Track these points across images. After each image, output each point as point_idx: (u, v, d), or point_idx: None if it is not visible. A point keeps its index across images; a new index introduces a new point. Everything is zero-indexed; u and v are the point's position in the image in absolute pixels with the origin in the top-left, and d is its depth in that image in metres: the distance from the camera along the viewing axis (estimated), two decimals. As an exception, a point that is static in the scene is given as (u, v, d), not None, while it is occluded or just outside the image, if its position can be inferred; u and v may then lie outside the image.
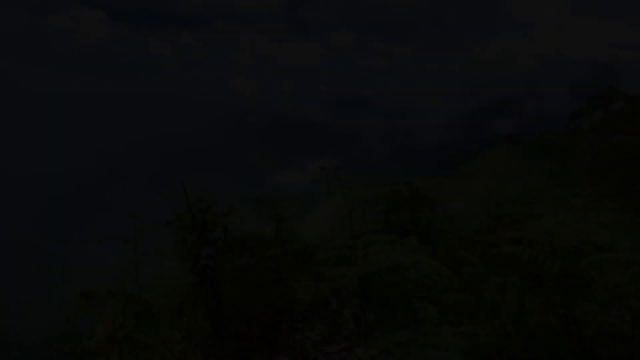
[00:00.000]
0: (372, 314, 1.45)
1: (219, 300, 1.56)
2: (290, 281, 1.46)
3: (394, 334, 1.04)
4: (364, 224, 1.61)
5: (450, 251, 4.50)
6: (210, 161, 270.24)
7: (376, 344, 1.02)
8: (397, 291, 1.32)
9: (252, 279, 1.42)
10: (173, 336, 1.82)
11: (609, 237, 1.82)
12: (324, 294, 3.18)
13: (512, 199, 5.19)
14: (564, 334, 2.28)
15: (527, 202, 5.28)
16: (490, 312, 3.28)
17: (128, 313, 1.61)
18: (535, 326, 2.63)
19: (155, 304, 1.92)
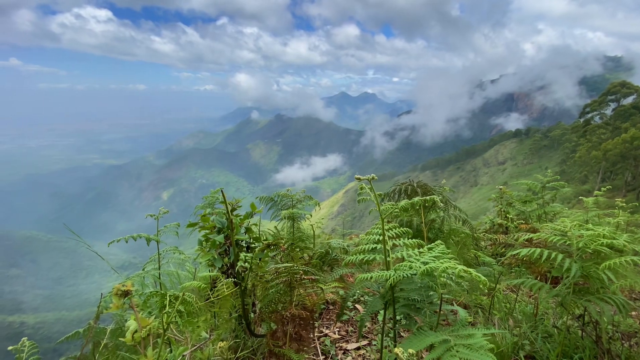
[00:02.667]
0: (399, 315, 1.52)
1: (251, 299, 1.65)
2: (318, 282, 1.54)
3: (426, 336, 1.11)
4: (390, 228, 1.67)
5: (463, 251, 4.55)
6: (216, 157, 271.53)
7: (410, 344, 1.08)
8: (427, 294, 1.38)
9: (285, 281, 1.50)
10: (208, 333, 1.92)
11: (625, 239, 1.85)
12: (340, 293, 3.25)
13: (522, 197, 5.21)
14: (580, 334, 2.33)
15: (539, 200, 5.29)
16: (506, 312, 3.34)
17: (170, 311, 1.71)
18: (551, 326, 2.69)
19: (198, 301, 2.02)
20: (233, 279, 1.57)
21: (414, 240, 1.52)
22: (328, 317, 3.38)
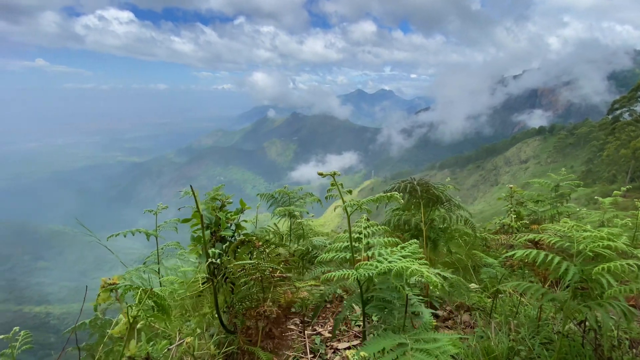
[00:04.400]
0: (375, 316, 1.47)
1: (224, 296, 1.64)
2: (292, 280, 1.50)
3: (384, 338, 1.06)
4: (369, 225, 1.62)
5: (466, 251, 4.41)
6: (234, 155, 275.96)
7: (367, 347, 1.03)
8: (395, 295, 1.32)
9: (255, 278, 1.48)
10: (185, 329, 1.93)
11: (624, 242, 1.72)
12: (335, 292, 3.21)
13: (534, 196, 4.98)
14: (581, 341, 2.19)
15: (554, 200, 5.06)
16: (508, 315, 3.20)
17: (143, 305, 1.72)
18: (551, 331, 2.55)
19: (170, 297, 2.04)
20: (207, 276, 1.57)
21: (389, 238, 1.46)
22: (324, 315, 3.35)
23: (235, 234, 2.49)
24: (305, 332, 2.80)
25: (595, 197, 4.52)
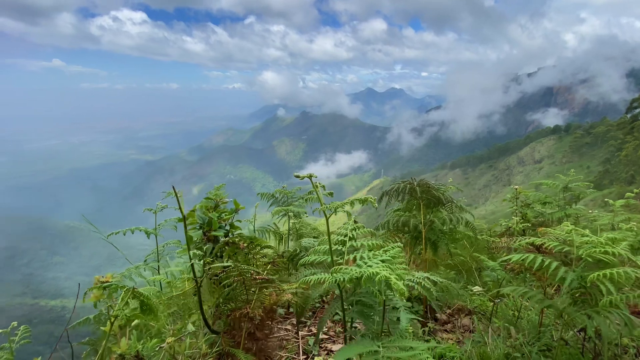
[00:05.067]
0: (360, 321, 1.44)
1: (213, 296, 1.64)
2: (276, 282, 1.49)
3: (357, 345, 1.03)
4: (354, 228, 1.58)
5: (470, 254, 4.32)
6: (244, 153, 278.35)
7: (339, 354, 1.01)
8: (377, 300, 1.29)
9: (238, 280, 1.47)
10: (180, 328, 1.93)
11: (623, 248, 1.64)
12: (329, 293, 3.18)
13: (543, 198, 4.84)
14: (581, 349, 2.11)
15: (563, 202, 4.91)
16: (508, 320, 3.12)
17: (129, 304, 1.73)
18: (552, 338, 2.47)
19: (158, 297, 2.05)
20: (193, 276, 1.57)
21: (375, 241, 1.43)
22: (321, 316, 3.33)
23: (230, 235, 2.49)
24: (300, 333, 2.79)
25: (606, 199, 4.36)
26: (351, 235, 1.50)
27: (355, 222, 1.62)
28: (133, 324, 2.42)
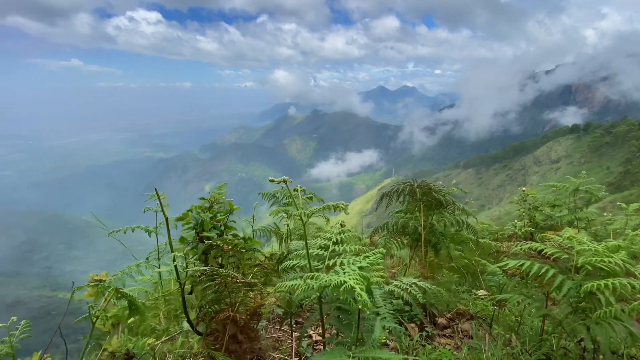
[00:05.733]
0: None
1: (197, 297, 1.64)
2: (258, 286, 1.47)
3: (329, 354, 1.00)
4: (340, 232, 1.55)
5: (476, 256, 4.22)
6: (255, 152, 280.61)
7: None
8: (349, 309, 1.26)
9: (219, 282, 1.46)
10: (174, 327, 1.95)
11: (622, 257, 1.56)
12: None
13: (552, 201, 4.69)
14: (580, 359, 2.03)
15: (573, 205, 4.75)
16: (509, 326, 3.03)
17: (117, 304, 1.74)
18: (552, 347, 2.39)
19: (146, 297, 2.07)
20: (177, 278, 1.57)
21: (356, 246, 1.39)
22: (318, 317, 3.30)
23: (224, 235, 2.49)
24: (294, 334, 2.77)
25: (618, 203, 4.19)
26: (336, 240, 1.48)
27: (341, 225, 1.59)
28: (129, 321, 2.46)
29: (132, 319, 2.32)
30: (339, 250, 1.38)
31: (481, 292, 4.14)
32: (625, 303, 1.74)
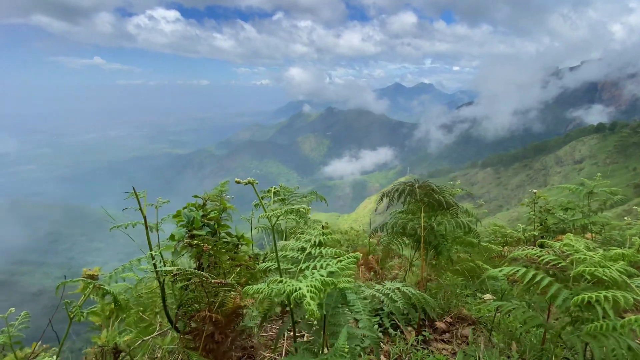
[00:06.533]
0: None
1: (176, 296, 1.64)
2: (235, 286, 1.46)
3: (290, 359, 0.98)
4: (321, 234, 1.52)
5: (483, 260, 4.09)
6: (270, 149, 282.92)
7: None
8: (330, 312, 1.22)
9: (196, 282, 1.46)
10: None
11: (618, 268, 1.46)
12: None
13: (565, 203, 4.49)
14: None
15: (587, 209, 4.53)
16: (510, 332, 2.93)
17: (105, 300, 1.76)
18: (552, 357, 2.28)
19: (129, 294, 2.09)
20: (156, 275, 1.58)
21: (332, 250, 1.35)
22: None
23: (217, 234, 2.49)
24: (286, 334, 2.76)
25: (634, 207, 3.96)
26: (315, 242, 1.44)
27: (323, 227, 1.55)
28: (126, 316, 2.50)
29: (114, 314, 2.35)
30: (314, 254, 1.34)
31: (487, 297, 4.02)
32: (633, 314, 1.63)
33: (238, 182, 1.35)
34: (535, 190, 4.38)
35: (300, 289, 0.88)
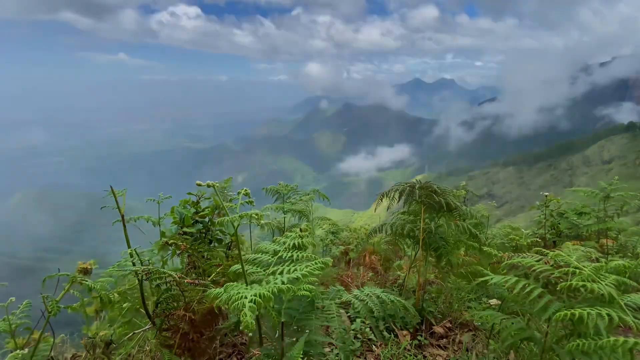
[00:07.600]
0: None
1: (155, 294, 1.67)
2: (209, 286, 1.47)
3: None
4: (299, 236, 1.50)
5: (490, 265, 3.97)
6: (286, 144, 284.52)
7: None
8: (290, 316, 1.20)
9: (170, 282, 1.47)
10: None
11: (609, 283, 1.36)
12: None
13: (579, 208, 4.26)
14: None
15: (603, 213, 4.30)
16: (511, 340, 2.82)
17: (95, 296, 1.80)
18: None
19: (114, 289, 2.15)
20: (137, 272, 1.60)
21: (303, 253, 1.33)
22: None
23: (210, 231, 2.52)
24: (277, 332, 2.76)
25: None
26: (290, 245, 1.42)
27: (301, 230, 1.53)
28: (110, 310, 2.57)
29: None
30: (285, 257, 1.32)
31: (493, 302, 3.89)
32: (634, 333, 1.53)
33: (199, 185, 1.35)
34: (547, 194, 4.19)
35: (245, 297, 0.87)
